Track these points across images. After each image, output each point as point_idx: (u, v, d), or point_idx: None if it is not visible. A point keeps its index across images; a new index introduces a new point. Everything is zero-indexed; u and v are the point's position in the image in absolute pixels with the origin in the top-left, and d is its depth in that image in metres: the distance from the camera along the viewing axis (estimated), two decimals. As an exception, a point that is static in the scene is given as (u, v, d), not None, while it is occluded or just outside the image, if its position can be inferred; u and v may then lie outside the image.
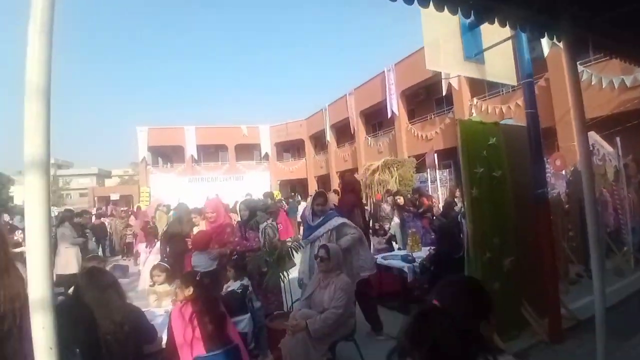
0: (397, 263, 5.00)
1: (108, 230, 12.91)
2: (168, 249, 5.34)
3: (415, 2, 2.17)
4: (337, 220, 3.90)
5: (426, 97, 17.81)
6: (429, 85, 16.70)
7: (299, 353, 2.92)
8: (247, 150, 30.51)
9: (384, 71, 18.24)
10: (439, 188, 12.74)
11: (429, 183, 13.25)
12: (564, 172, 8.42)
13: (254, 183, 20.98)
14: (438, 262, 4.43)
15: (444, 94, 15.37)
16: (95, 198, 34.75)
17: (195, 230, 5.14)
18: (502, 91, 13.42)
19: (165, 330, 2.78)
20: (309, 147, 28.43)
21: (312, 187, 26.56)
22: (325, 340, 3.02)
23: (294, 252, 3.89)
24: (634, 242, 6.13)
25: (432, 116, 17.23)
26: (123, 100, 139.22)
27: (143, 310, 2.72)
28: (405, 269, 4.76)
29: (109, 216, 14.72)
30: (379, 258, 5.28)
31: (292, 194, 21.54)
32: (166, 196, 16.83)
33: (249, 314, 3.22)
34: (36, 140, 1.07)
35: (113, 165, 55.78)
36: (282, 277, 3.66)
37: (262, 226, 4.43)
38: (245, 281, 3.45)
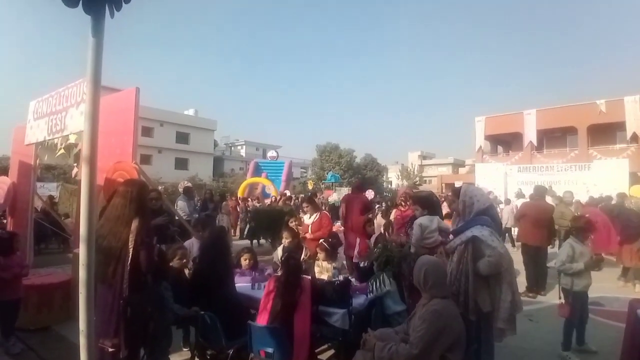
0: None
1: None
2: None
3: None
4: (471, 232, 2.81)
5: None
6: None
7: (360, 374, 2.50)
8: (606, 131, 23.52)
9: None
10: None
11: None
12: None
13: (605, 174, 16.09)
14: None
15: None
16: (443, 184, 39.21)
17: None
18: None
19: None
20: None
21: None
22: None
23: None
24: None
25: None
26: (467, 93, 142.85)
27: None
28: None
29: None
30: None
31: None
32: (492, 185, 16.49)
33: (344, 310, 3.04)
34: (86, 151, 1.73)
35: (468, 155, 59.63)
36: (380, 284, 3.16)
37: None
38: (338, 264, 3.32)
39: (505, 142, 30.85)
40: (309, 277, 3.30)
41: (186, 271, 3.47)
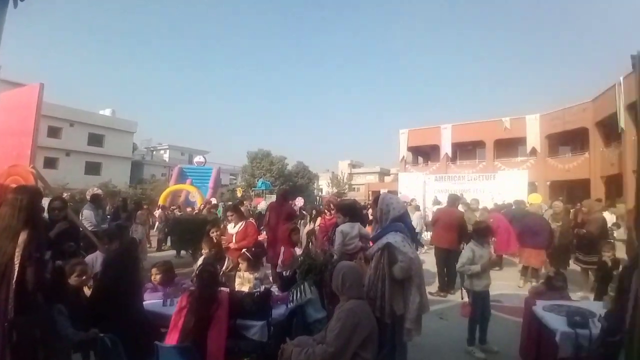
0: (555, 323, 3.03)
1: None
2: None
3: None
4: (386, 238, 2.92)
5: None
6: None
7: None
8: (509, 145, 26.78)
9: None
10: None
11: None
12: None
13: (508, 183, 18.10)
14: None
15: None
16: (370, 192, 40.90)
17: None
18: None
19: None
20: (594, 138, 21.37)
21: (597, 191, 20.04)
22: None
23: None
24: None
25: None
26: (394, 106, 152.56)
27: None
28: (558, 337, 2.86)
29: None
30: (539, 307, 3.45)
31: (560, 198, 17.03)
32: (412, 193, 17.64)
33: (262, 322, 2.96)
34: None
35: (393, 165, 63.08)
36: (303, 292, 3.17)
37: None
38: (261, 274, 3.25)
39: (425, 153, 33.39)
40: (227, 290, 3.15)
41: (85, 289, 3.09)
